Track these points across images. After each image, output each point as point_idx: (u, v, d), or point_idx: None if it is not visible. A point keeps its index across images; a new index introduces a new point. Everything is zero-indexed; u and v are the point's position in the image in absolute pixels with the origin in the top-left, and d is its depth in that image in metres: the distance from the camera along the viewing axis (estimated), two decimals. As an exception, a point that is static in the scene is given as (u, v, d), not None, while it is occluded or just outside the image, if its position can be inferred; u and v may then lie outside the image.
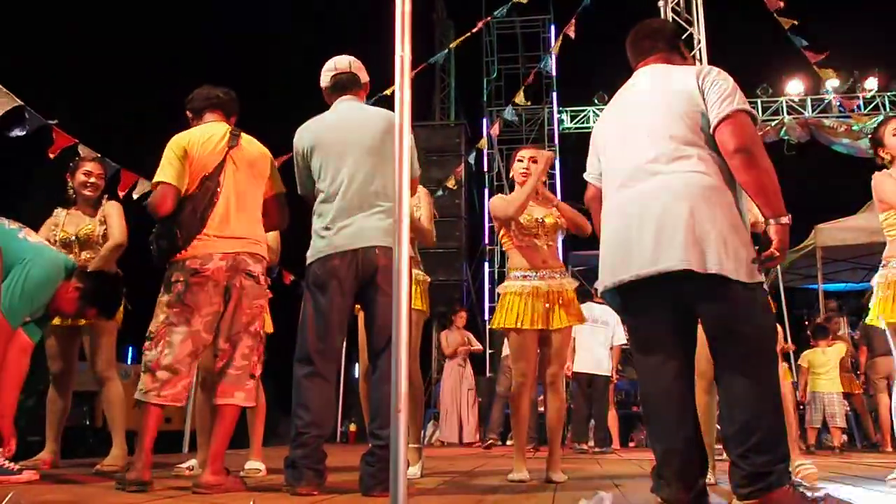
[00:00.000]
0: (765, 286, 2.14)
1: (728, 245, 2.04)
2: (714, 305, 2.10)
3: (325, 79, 3.08)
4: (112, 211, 3.92)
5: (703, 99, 2.17)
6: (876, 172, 3.41)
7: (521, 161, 3.72)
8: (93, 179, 3.96)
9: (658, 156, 2.19)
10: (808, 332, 7.70)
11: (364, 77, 3.10)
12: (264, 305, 2.94)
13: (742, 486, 1.98)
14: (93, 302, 3.13)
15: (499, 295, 3.69)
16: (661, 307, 2.20)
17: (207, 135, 2.93)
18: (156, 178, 2.83)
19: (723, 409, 2.11)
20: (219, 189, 2.84)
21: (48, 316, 3.17)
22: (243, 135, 3.02)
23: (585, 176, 2.56)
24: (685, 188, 2.11)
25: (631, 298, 2.27)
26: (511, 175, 3.78)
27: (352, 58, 3.10)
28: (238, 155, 2.93)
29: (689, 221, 2.06)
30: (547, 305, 3.53)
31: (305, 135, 2.97)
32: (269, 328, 3.98)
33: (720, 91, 2.14)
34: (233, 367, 2.79)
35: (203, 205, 2.81)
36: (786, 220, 2.08)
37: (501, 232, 3.72)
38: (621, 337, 6.87)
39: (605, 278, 2.29)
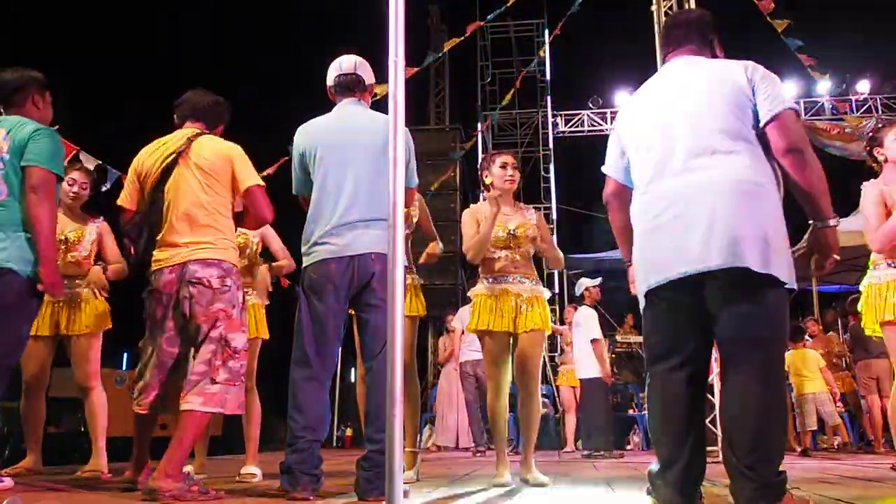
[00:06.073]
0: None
1: (771, 245, 1.97)
2: (742, 307, 1.99)
3: (330, 77, 3.09)
4: (108, 238, 4.02)
5: (753, 94, 2.11)
6: (865, 182, 3.41)
7: (504, 167, 3.69)
8: (76, 189, 3.95)
9: (705, 148, 2.08)
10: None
11: (369, 79, 3.08)
12: (225, 309, 2.75)
13: (754, 500, 1.90)
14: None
15: (468, 298, 3.70)
16: (687, 310, 2.10)
17: (160, 145, 2.94)
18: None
19: (733, 412, 2.01)
20: (164, 201, 2.83)
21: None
22: (203, 137, 2.93)
23: (605, 169, 2.41)
24: (734, 184, 2.01)
25: (654, 300, 2.18)
26: (488, 181, 3.72)
27: (358, 58, 3.07)
28: (190, 161, 2.85)
29: (739, 218, 1.98)
30: (515, 307, 3.53)
31: (307, 135, 2.96)
32: (265, 335, 3.97)
33: (770, 88, 2.10)
34: (193, 372, 2.71)
35: (154, 220, 2.83)
36: (834, 222, 2.03)
37: None
38: (593, 332, 6.77)
39: (650, 277, 2.15)
